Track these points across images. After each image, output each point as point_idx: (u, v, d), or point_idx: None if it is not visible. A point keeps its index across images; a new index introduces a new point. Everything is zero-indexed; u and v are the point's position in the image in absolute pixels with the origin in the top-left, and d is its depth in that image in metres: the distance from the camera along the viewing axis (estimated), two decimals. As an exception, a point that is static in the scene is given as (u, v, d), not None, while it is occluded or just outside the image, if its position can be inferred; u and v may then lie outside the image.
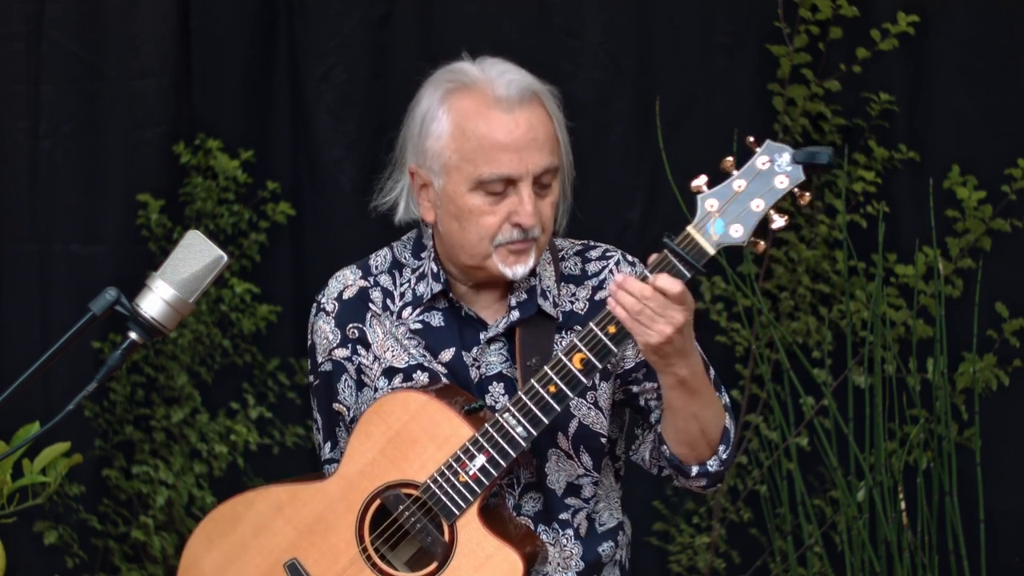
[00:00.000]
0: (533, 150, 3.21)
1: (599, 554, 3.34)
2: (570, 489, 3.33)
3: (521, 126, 3.21)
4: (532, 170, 3.22)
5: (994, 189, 5.09)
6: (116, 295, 3.02)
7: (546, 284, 3.34)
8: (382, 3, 5.39)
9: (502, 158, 3.21)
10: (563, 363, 3.14)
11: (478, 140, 3.22)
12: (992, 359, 5.10)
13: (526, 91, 3.24)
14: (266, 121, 5.49)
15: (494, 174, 3.21)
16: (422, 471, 3.21)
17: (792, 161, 3.07)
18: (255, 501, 3.32)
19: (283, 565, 3.27)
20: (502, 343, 3.32)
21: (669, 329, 3.06)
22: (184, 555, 3.34)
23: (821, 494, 5.22)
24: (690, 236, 3.09)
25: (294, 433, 5.49)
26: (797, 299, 5.26)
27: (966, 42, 5.13)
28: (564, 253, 3.40)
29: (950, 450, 4.89)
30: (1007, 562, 5.11)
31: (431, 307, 3.35)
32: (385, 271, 3.40)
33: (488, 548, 3.18)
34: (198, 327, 5.47)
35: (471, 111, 3.23)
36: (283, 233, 5.49)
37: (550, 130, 3.25)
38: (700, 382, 3.18)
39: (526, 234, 3.23)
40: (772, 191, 3.07)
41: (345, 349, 3.38)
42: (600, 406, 3.33)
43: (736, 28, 5.26)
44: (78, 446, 4.08)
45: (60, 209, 5.47)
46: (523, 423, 3.16)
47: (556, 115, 3.27)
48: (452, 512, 3.19)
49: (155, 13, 5.42)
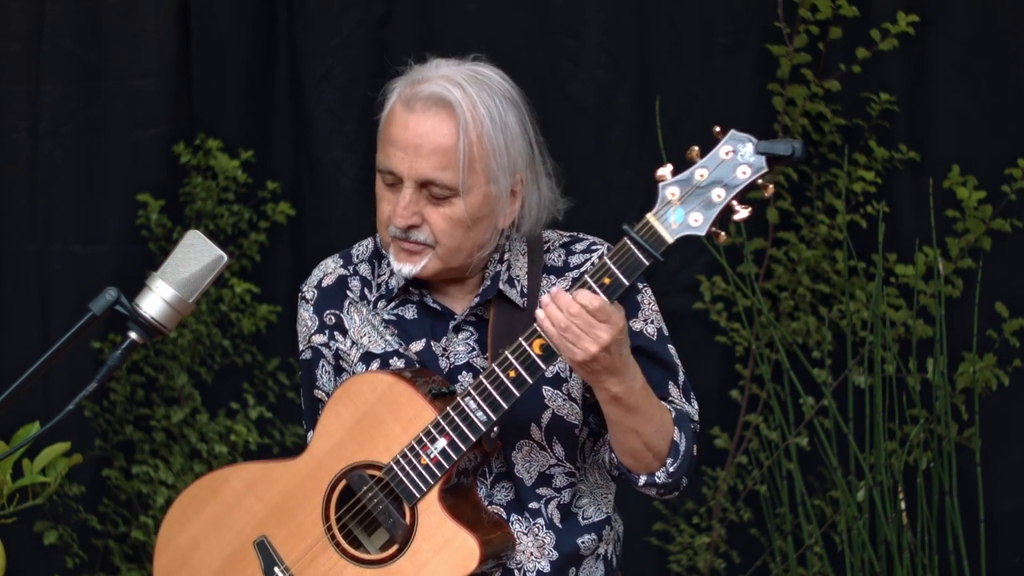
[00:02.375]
0: (418, 156, 3.22)
1: (577, 545, 3.33)
2: (541, 479, 3.33)
3: (411, 129, 3.23)
4: (412, 175, 3.23)
5: (994, 189, 5.09)
6: (116, 295, 3.02)
7: (515, 273, 3.34)
8: (382, 3, 5.39)
9: (390, 152, 3.25)
10: (523, 348, 3.14)
11: (384, 128, 3.28)
12: (992, 359, 5.10)
13: (438, 99, 3.23)
14: (266, 121, 5.50)
15: (384, 165, 3.27)
16: (387, 452, 3.22)
17: (755, 152, 3.06)
18: (230, 477, 3.34)
19: (252, 543, 3.30)
20: (469, 333, 3.33)
21: (594, 348, 3.06)
22: (161, 530, 3.37)
23: (821, 494, 5.22)
24: (649, 224, 3.08)
25: (294, 433, 5.49)
26: (797, 299, 5.26)
27: (966, 42, 5.13)
28: (550, 245, 3.40)
29: (950, 450, 4.89)
30: (1007, 562, 5.11)
31: (405, 300, 3.37)
32: (365, 260, 3.44)
33: (447, 532, 3.19)
34: (198, 327, 5.47)
35: (396, 100, 3.29)
36: (283, 233, 5.50)
37: (444, 144, 3.22)
38: (637, 398, 3.17)
39: (407, 235, 3.26)
40: (733, 181, 3.06)
41: (322, 335, 3.40)
42: (574, 397, 3.33)
43: (736, 28, 5.26)
44: (78, 446, 4.08)
45: (60, 209, 5.47)
46: (483, 407, 3.16)
47: (470, 135, 3.22)
48: (413, 495, 3.19)
49: (155, 13, 5.42)
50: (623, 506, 3.46)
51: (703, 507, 5.34)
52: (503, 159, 3.26)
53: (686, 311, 5.23)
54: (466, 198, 3.24)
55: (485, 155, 3.24)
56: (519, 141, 3.28)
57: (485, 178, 3.25)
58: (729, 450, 5.27)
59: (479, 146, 3.23)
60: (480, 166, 3.24)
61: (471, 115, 3.23)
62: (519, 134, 3.29)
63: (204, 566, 3.32)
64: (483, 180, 3.25)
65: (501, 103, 3.27)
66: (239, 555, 3.30)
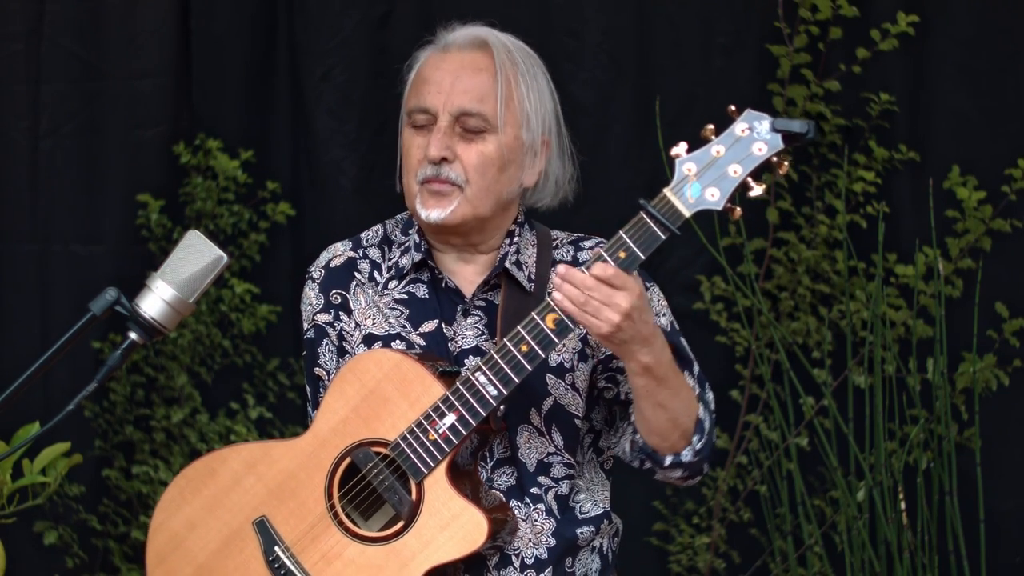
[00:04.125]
0: (454, 88, 3.25)
1: (575, 535, 3.34)
2: (541, 467, 3.33)
3: (447, 63, 3.28)
4: (449, 108, 3.25)
5: (994, 189, 5.09)
6: (116, 295, 3.03)
7: (523, 258, 3.36)
8: (382, 3, 5.39)
9: (423, 89, 3.27)
10: (536, 322, 3.14)
11: (414, 77, 3.31)
12: (992, 359, 5.10)
13: (473, 38, 3.31)
14: (266, 121, 5.50)
15: (416, 105, 3.28)
16: (393, 429, 3.20)
17: (771, 129, 3.08)
18: (228, 458, 3.30)
19: (252, 523, 3.25)
20: (479, 317, 3.34)
21: (616, 316, 3.07)
22: (155, 513, 3.31)
23: (821, 494, 5.22)
24: (666, 198, 3.09)
25: (294, 433, 5.48)
26: (797, 299, 5.26)
27: (966, 42, 5.13)
28: (558, 242, 3.42)
29: (950, 450, 4.89)
30: (1007, 562, 5.11)
31: (416, 279, 3.37)
32: (375, 244, 3.44)
33: (454, 508, 3.16)
34: (198, 327, 5.48)
35: (424, 58, 3.33)
36: (283, 233, 5.50)
37: (483, 76, 3.27)
38: (666, 369, 3.18)
39: (439, 171, 3.25)
40: (750, 157, 3.08)
41: (327, 314, 3.40)
42: (578, 388, 3.33)
43: (736, 28, 5.26)
44: (78, 446, 4.08)
45: (60, 209, 5.47)
46: (494, 382, 3.16)
47: (507, 72, 3.28)
48: (420, 470, 3.18)
49: (155, 13, 5.43)
50: (623, 507, 3.46)
51: (703, 507, 5.34)
52: (536, 106, 3.31)
53: (686, 311, 5.23)
54: (500, 135, 3.27)
55: (520, 96, 3.29)
56: (548, 100, 3.34)
57: (518, 121, 3.29)
58: (729, 450, 5.27)
59: (515, 85, 3.29)
60: (515, 105, 3.28)
61: (506, 55, 3.30)
62: (548, 94, 3.34)
63: (200, 548, 3.27)
64: (516, 121, 3.29)
65: (531, 60, 3.34)
66: (237, 536, 3.26)
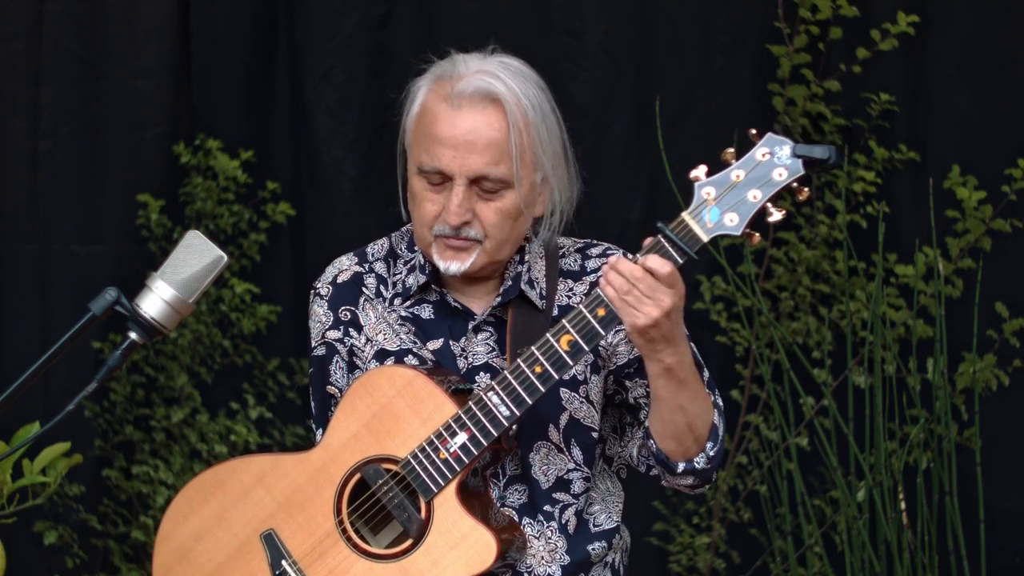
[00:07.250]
0: (470, 152, 3.22)
1: (588, 552, 3.33)
2: (559, 484, 3.32)
3: (461, 126, 3.22)
4: (465, 172, 3.22)
5: (994, 189, 5.09)
6: (116, 295, 3.02)
7: (534, 275, 3.34)
8: (382, 3, 5.39)
9: (438, 152, 3.23)
10: (550, 344, 3.13)
11: (425, 128, 3.26)
12: (992, 359, 5.11)
13: (484, 94, 3.23)
14: (266, 121, 5.50)
15: (430, 165, 3.24)
16: (404, 447, 3.19)
17: (792, 154, 3.06)
18: (237, 470, 3.29)
19: (260, 535, 3.24)
20: (489, 333, 3.33)
21: (656, 312, 3.07)
22: (162, 523, 3.30)
23: (821, 494, 5.22)
24: (684, 222, 3.08)
25: (294, 433, 5.49)
26: (797, 299, 5.26)
27: (966, 42, 5.13)
28: (565, 250, 3.41)
29: (950, 450, 4.89)
30: (1007, 562, 5.11)
31: (421, 299, 3.36)
32: (381, 259, 3.42)
33: (464, 527, 3.16)
34: (198, 327, 5.47)
35: (432, 99, 3.26)
36: (283, 233, 5.50)
37: (497, 138, 3.22)
38: (687, 373, 3.18)
39: (457, 232, 3.24)
40: (770, 183, 3.06)
41: (337, 331, 3.38)
42: (592, 400, 3.32)
43: (736, 28, 5.26)
44: (78, 446, 4.08)
45: (60, 209, 5.47)
46: (507, 402, 3.15)
47: (519, 126, 3.24)
48: (430, 489, 3.17)
49: (155, 13, 5.42)
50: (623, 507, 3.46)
51: (703, 507, 5.34)
52: (547, 146, 3.28)
53: (686, 311, 5.21)
54: (518, 190, 3.25)
55: (533, 144, 3.26)
56: (555, 127, 3.31)
57: (533, 167, 3.27)
58: (729, 450, 5.27)
59: (527, 136, 3.25)
60: (529, 156, 3.26)
61: (516, 106, 3.24)
62: (554, 120, 3.31)
63: (207, 560, 3.26)
64: (532, 170, 3.27)
65: (536, 91, 3.29)
66: (244, 548, 3.25)
